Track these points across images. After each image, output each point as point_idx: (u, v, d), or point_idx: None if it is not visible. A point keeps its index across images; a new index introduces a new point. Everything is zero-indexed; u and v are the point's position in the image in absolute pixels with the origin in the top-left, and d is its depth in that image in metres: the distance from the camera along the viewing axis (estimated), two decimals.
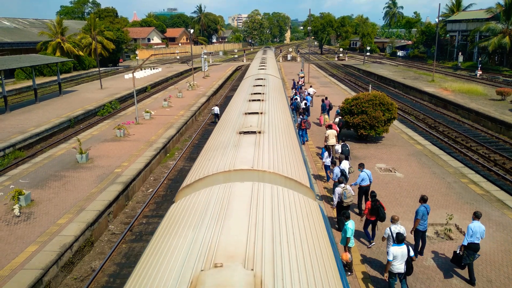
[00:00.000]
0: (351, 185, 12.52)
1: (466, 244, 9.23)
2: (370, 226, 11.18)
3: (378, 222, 11.02)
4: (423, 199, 10.36)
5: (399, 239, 8.62)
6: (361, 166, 13.13)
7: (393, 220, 9.41)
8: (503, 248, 10.76)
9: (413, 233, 10.46)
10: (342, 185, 11.80)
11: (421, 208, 10.23)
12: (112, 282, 10.91)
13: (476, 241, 9.20)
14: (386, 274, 8.79)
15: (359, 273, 9.90)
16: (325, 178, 15.79)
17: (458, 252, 9.48)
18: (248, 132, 9.06)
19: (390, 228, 9.32)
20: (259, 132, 9.03)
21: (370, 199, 10.99)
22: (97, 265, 11.68)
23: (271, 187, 6.29)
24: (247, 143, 8.21)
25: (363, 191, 13.03)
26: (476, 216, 9.44)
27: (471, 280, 9.39)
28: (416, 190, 14.66)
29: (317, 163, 17.74)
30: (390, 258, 8.59)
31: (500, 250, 10.67)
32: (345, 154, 15.13)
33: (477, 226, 9.24)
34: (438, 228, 11.85)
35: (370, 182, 13.06)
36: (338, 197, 11.69)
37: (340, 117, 21.02)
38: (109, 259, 11.89)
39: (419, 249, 10.55)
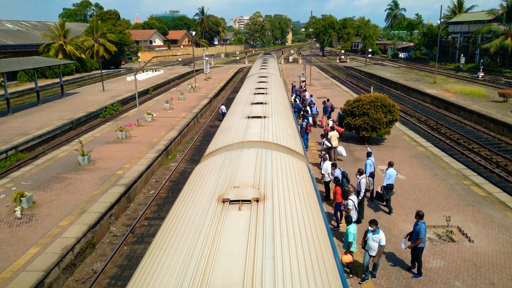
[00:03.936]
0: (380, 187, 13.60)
1: (385, 185, 12.95)
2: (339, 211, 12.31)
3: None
4: (419, 216, 9.73)
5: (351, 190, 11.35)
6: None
7: (349, 192, 11.29)
8: (505, 250, 10.71)
9: (411, 251, 9.89)
10: (364, 175, 12.98)
11: (423, 225, 9.63)
12: (113, 284, 10.90)
13: (392, 182, 12.90)
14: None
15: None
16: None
17: (379, 191, 13.17)
18: None
19: (351, 199, 11.12)
20: None
21: (337, 185, 12.17)
22: (98, 267, 11.68)
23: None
24: None
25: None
26: (390, 165, 13.29)
27: (389, 211, 13.00)
28: (418, 192, 14.63)
29: (319, 167, 17.70)
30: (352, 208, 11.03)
31: (502, 252, 10.62)
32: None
33: (392, 171, 13.03)
34: (440, 230, 11.82)
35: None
36: (364, 187, 12.75)
37: (333, 120, 21.05)
38: (110, 261, 11.89)
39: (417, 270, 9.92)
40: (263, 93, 16.06)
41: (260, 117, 10.30)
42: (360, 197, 12.72)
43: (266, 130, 9.91)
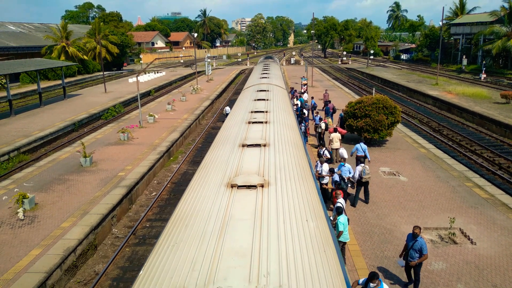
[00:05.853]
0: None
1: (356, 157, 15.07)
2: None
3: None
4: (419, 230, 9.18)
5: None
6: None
7: (336, 195, 11.35)
8: (508, 252, 10.67)
9: (407, 268, 9.40)
10: (363, 164, 13.87)
11: (423, 241, 9.13)
12: (115, 286, 10.91)
13: (362, 154, 15.66)
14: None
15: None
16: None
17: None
18: None
19: (340, 203, 11.07)
20: None
21: (337, 188, 12.47)
22: (100, 269, 11.69)
23: None
24: None
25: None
26: (360, 140, 16.18)
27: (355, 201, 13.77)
28: (420, 194, 14.60)
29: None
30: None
31: (505, 254, 10.59)
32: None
33: (362, 145, 15.61)
34: (442, 232, 11.78)
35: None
36: (359, 174, 13.50)
37: (324, 122, 21.09)
38: (112, 263, 11.90)
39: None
40: (262, 121, 10.73)
41: (254, 186, 5.82)
42: (350, 182, 13.69)
43: (265, 231, 4.79)
